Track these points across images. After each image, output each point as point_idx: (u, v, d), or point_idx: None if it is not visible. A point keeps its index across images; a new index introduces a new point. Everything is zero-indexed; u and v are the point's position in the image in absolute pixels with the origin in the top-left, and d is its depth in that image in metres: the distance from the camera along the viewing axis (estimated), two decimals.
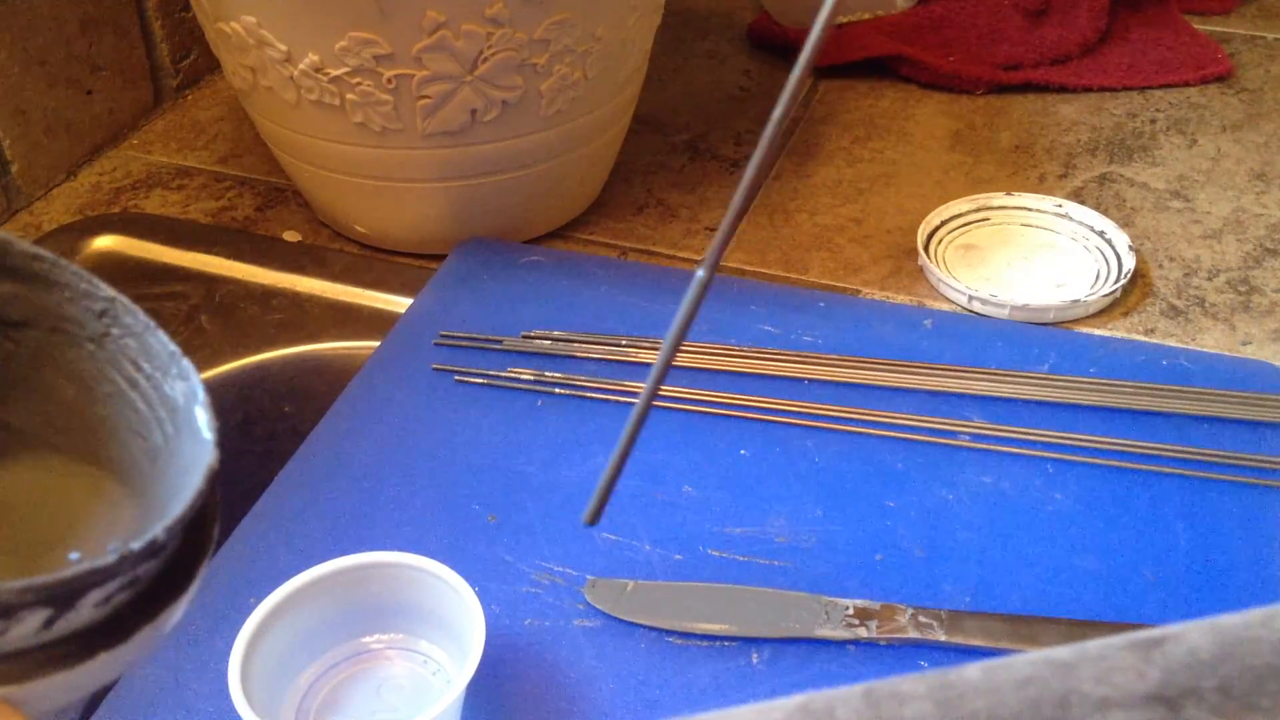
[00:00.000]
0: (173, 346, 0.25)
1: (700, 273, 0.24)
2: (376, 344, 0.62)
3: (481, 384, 0.59)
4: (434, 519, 0.51)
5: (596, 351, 0.60)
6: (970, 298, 0.65)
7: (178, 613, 0.23)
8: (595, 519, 0.26)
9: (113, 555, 0.20)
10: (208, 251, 0.71)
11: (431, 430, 0.56)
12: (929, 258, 0.67)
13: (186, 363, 0.25)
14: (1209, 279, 0.68)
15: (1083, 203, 0.73)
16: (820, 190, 0.77)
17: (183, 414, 0.25)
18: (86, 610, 0.20)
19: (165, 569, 0.23)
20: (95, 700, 0.45)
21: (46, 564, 0.19)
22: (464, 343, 0.61)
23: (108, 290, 0.26)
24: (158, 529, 0.21)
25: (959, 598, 0.48)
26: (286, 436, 0.66)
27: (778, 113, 0.21)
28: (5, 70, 0.72)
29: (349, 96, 0.61)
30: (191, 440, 0.24)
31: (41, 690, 0.20)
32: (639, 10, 0.65)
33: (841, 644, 0.46)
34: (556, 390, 0.58)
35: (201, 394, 0.24)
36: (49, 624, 0.20)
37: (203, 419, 0.24)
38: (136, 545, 0.20)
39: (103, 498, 0.27)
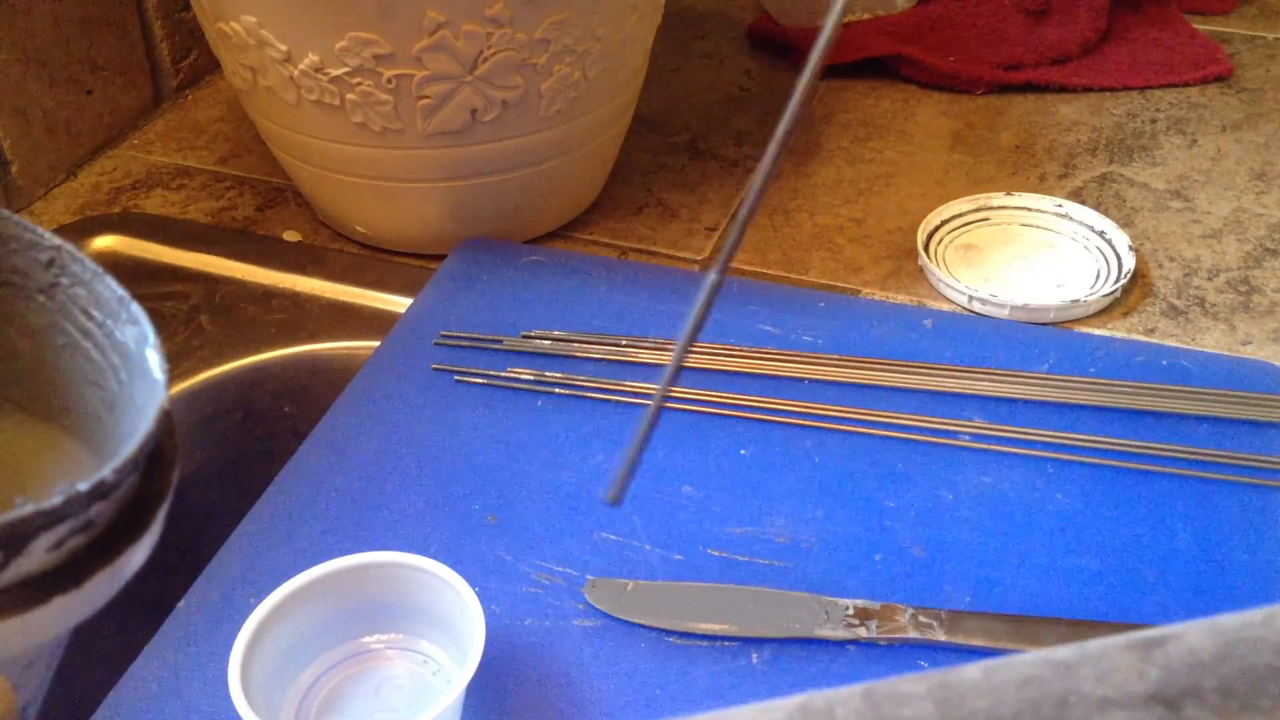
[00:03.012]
0: (121, 291, 0.25)
1: (712, 275, 0.24)
2: (376, 344, 0.62)
3: (481, 384, 0.59)
4: (434, 519, 0.51)
5: (596, 351, 0.60)
6: (970, 298, 0.65)
7: (137, 556, 0.23)
8: (619, 498, 0.26)
9: (59, 497, 0.20)
10: (208, 251, 0.71)
11: (431, 430, 0.56)
12: (929, 258, 0.67)
13: (136, 307, 0.25)
14: (1209, 279, 0.68)
15: (1083, 203, 0.73)
16: (820, 190, 0.77)
17: (135, 358, 0.25)
18: (38, 555, 0.20)
19: (122, 512, 0.23)
20: (95, 699, 0.45)
21: None
22: (464, 343, 0.61)
23: (53, 239, 0.25)
24: (106, 470, 0.21)
25: (959, 598, 0.48)
26: (286, 436, 0.66)
27: (782, 127, 0.21)
28: (5, 70, 0.72)
29: (349, 96, 0.61)
30: (144, 383, 0.24)
31: None
32: (639, 10, 0.65)
33: (841, 644, 0.46)
34: (556, 390, 0.58)
35: (152, 336, 0.24)
36: None
37: (154, 360, 0.24)
38: (83, 487, 0.20)
39: (62, 454, 0.27)
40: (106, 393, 0.25)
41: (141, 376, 0.24)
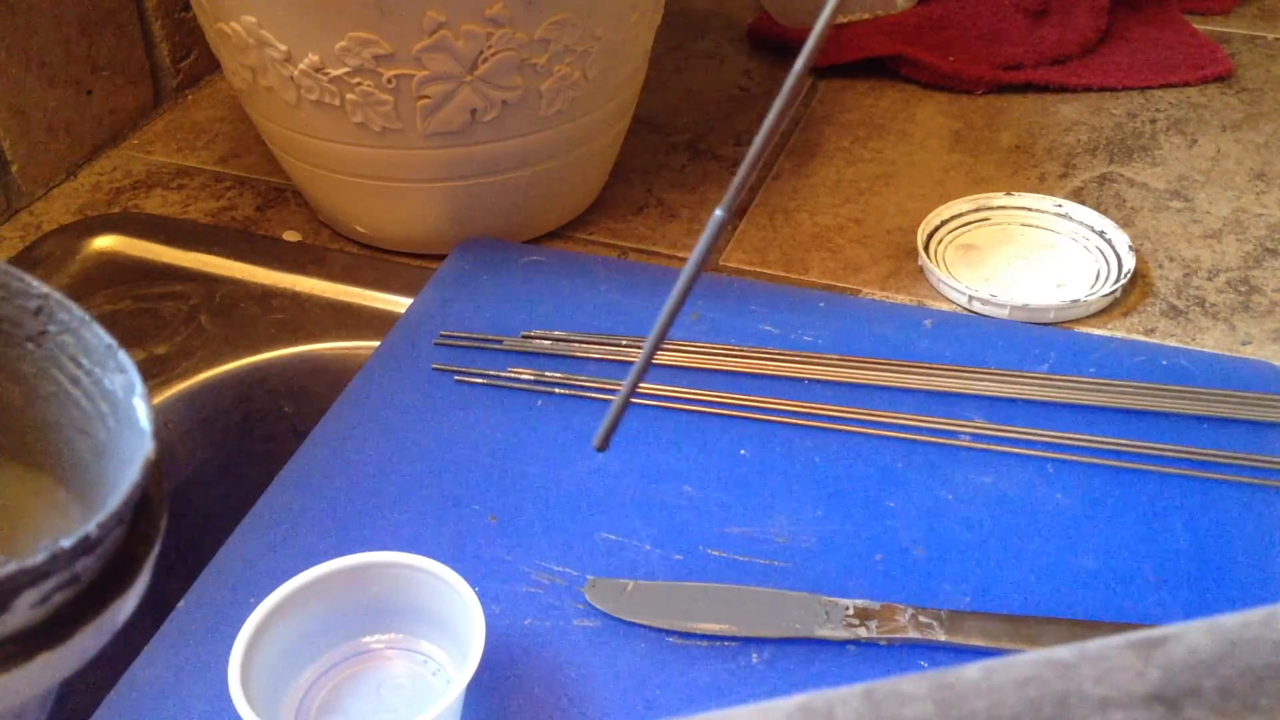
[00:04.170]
0: (109, 339, 0.25)
1: (719, 213, 0.24)
2: (376, 344, 0.62)
3: (481, 384, 0.59)
4: (434, 519, 0.51)
5: (596, 351, 0.60)
6: (970, 298, 0.65)
7: (123, 609, 0.22)
8: (604, 445, 0.26)
9: (42, 554, 0.19)
10: (208, 251, 0.71)
11: (431, 430, 0.56)
12: (929, 258, 0.67)
13: (123, 355, 0.24)
14: (1209, 279, 0.68)
15: (1083, 203, 0.73)
16: (820, 190, 0.77)
17: (122, 407, 0.24)
18: (22, 612, 0.20)
19: (108, 565, 0.22)
20: (95, 699, 0.45)
21: None
22: (464, 343, 0.61)
23: (41, 286, 0.25)
24: (90, 525, 0.20)
25: (959, 598, 0.48)
26: (286, 436, 0.66)
27: (776, 106, 0.21)
28: (5, 70, 0.72)
29: (349, 96, 0.61)
30: (131, 433, 0.24)
31: None
32: (639, 10, 0.65)
33: (841, 644, 0.46)
34: (556, 390, 0.58)
35: (139, 386, 0.24)
36: None
37: (141, 410, 0.24)
38: (67, 543, 0.20)
39: (49, 502, 0.26)
40: (95, 440, 0.25)
41: (129, 425, 0.24)
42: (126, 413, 0.24)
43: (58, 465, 0.26)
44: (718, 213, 0.25)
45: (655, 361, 0.60)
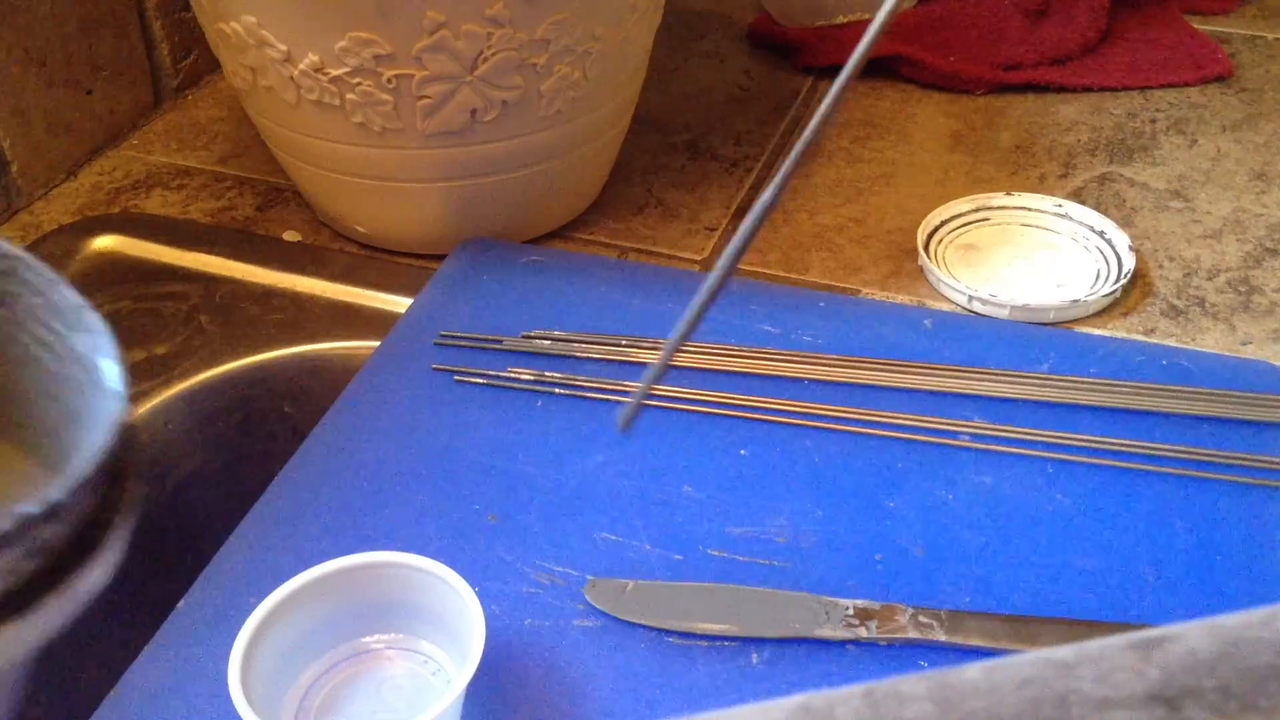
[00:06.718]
0: (78, 299, 0.24)
1: (765, 196, 0.25)
2: (376, 344, 0.62)
3: (481, 384, 0.59)
4: (434, 519, 0.51)
5: (596, 351, 0.60)
6: (970, 298, 0.65)
7: (94, 578, 0.21)
8: (627, 427, 0.27)
9: (5, 521, 0.19)
10: (208, 251, 0.71)
11: (431, 430, 0.56)
12: (929, 258, 0.67)
13: (93, 315, 0.23)
14: (1209, 279, 0.68)
15: (1083, 203, 0.73)
16: (820, 190, 0.77)
17: (93, 370, 0.23)
18: None
19: (77, 532, 0.21)
20: (94, 700, 0.45)
21: None
22: (464, 343, 0.61)
23: (9, 248, 0.24)
24: (57, 490, 0.20)
25: (959, 598, 0.48)
26: (286, 436, 0.66)
27: (827, 104, 0.22)
28: (5, 70, 0.72)
29: (349, 96, 0.61)
30: (101, 395, 0.23)
31: None
32: (639, 10, 0.65)
33: (841, 644, 0.46)
34: (556, 390, 0.58)
35: (109, 345, 0.23)
36: None
37: (110, 371, 0.23)
38: (33, 509, 0.19)
39: (20, 475, 0.26)
40: (65, 406, 0.24)
41: (99, 388, 0.23)
42: (97, 375, 0.23)
43: (27, 433, 0.26)
44: (764, 196, 0.26)
45: (655, 361, 0.59)
